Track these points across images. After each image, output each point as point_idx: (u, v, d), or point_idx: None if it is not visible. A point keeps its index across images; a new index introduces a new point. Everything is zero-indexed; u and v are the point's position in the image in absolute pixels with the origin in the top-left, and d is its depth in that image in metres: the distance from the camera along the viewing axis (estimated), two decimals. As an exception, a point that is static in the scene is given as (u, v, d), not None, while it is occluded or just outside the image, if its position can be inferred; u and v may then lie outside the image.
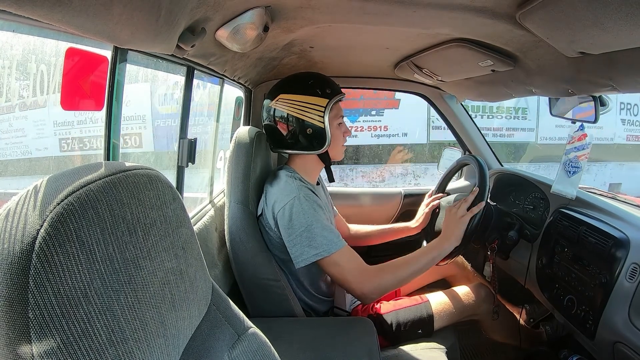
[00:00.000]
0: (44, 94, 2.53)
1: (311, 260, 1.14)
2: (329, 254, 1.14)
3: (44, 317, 0.36)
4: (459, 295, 1.43)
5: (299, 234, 1.14)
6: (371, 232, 1.67)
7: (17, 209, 0.38)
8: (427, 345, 1.29)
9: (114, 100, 0.81)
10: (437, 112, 1.94)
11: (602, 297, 1.01)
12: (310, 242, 1.14)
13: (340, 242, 1.16)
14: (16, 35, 0.66)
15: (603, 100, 1.18)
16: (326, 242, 1.14)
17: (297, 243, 1.15)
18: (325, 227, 1.16)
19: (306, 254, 1.14)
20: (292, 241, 1.15)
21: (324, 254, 1.13)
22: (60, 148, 3.41)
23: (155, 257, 0.47)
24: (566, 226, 1.20)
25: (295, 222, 1.15)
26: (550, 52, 0.93)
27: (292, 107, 1.23)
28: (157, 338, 0.45)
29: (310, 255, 1.14)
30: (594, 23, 0.68)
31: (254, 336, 0.66)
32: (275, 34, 1.10)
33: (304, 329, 1.17)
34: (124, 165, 0.48)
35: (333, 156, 1.31)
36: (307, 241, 1.14)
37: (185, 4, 0.69)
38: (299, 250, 1.15)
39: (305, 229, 1.14)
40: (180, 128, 1.17)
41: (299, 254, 1.15)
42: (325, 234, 1.15)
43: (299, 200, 1.16)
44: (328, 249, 1.14)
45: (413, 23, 1.00)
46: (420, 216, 1.58)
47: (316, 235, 1.14)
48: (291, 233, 1.15)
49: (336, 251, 1.14)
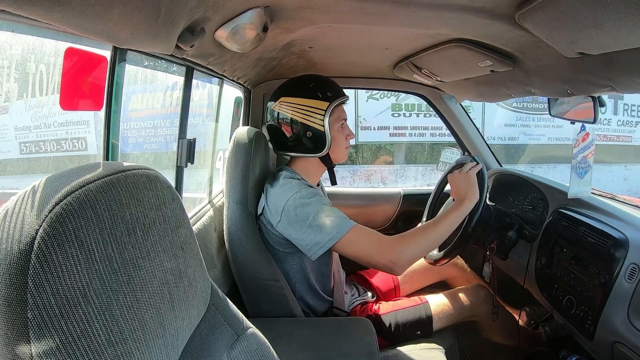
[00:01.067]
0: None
1: (327, 246, 1.11)
2: (343, 235, 1.11)
3: (42, 317, 0.36)
4: (458, 296, 1.43)
5: (308, 225, 1.13)
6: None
7: (16, 209, 0.38)
8: (426, 345, 1.29)
9: (113, 100, 0.81)
10: (436, 112, 1.94)
11: (601, 297, 1.01)
12: (321, 229, 1.12)
13: (350, 221, 1.14)
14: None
15: (602, 100, 1.18)
16: (336, 225, 1.12)
17: (309, 233, 1.13)
18: (331, 212, 1.15)
19: (321, 241, 1.12)
20: (303, 233, 1.13)
21: (338, 236, 1.11)
22: (20, 151, 3.70)
23: (154, 257, 0.47)
24: (565, 226, 1.20)
25: (301, 214, 1.14)
26: (549, 53, 0.93)
27: (293, 110, 1.23)
28: (156, 338, 0.45)
29: (325, 241, 1.11)
30: (593, 24, 0.68)
31: (253, 336, 0.66)
32: (274, 34, 1.09)
33: (303, 329, 1.17)
34: (122, 165, 0.48)
35: (335, 159, 1.31)
36: (318, 229, 1.12)
37: (184, 4, 0.69)
38: (312, 240, 1.12)
39: (312, 218, 1.12)
40: (179, 128, 1.16)
41: (313, 244, 1.12)
42: (333, 218, 1.13)
43: (299, 194, 1.16)
44: (341, 230, 1.11)
45: (412, 23, 1.00)
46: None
47: (324, 222, 1.12)
48: (301, 226, 1.13)
49: (349, 230, 1.12)
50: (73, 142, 3.85)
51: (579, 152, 1.26)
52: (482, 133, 6.13)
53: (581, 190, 1.26)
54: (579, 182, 1.26)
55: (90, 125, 3.80)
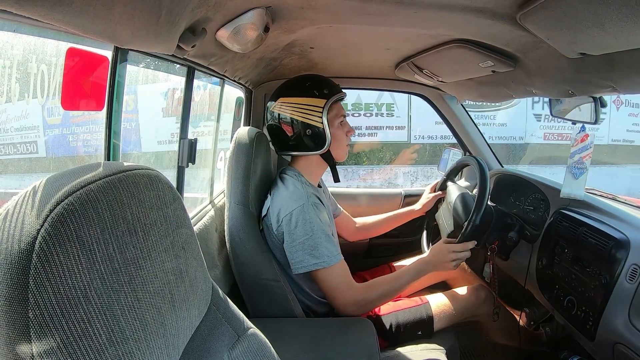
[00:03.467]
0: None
1: (310, 269, 1.16)
2: (328, 266, 1.16)
3: (44, 316, 0.36)
4: (459, 297, 1.43)
5: (302, 242, 1.16)
6: (377, 222, 1.71)
7: (17, 209, 0.38)
8: (426, 346, 1.28)
9: (115, 100, 0.81)
10: (437, 112, 1.94)
11: (602, 298, 1.00)
12: (312, 251, 1.15)
13: (339, 255, 1.20)
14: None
15: (603, 101, 1.18)
16: (327, 254, 1.16)
17: (299, 250, 1.16)
18: (329, 238, 1.18)
19: (306, 262, 1.16)
20: (294, 247, 1.17)
21: (323, 265, 1.16)
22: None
23: (156, 257, 0.47)
24: (566, 227, 1.19)
25: (301, 229, 1.16)
26: (550, 53, 0.93)
27: (292, 109, 1.24)
28: (157, 338, 0.45)
29: (310, 264, 1.16)
30: (595, 24, 0.68)
31: (253, 336, 0.66)
32: (275, 35, 1.10)
33: (304, 329, 1.16)
34: (123, 165, 0.48)
35: (336, 156, 1.32)
36: (310, 250, 1.16)
37: (186, 4, 0.69)
38: (299, 257, 1.17)
39: (309, 237, 1.16)
40: (180, 128, 1.17)
41: (298, 261, 1.17)
42: (328, 246, 1.17)
43: (306, 208, 1.17)
44: (328, 261, 1.16)
45: (413, 24, 1.00)
46: (424, 200, 1.64)
47: (319, 245, 1.16)
48: (295, 239, 1.16)
49: (334, 264, 1.17)
50: (26, 146, 4.32)
51: (576, 152, 1.26)
52: (409, 132, 5.64)
53: (574, 191, 1.25)
54: (573, 182, 1.26)
55: (40, 130, 4.24)
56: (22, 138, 4.24)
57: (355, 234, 1.69)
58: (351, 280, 1.21)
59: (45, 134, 4.22)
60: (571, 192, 1.26)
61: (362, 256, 1.92)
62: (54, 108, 3.98)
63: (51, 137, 4.22)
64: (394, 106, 6.10)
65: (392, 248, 1.90)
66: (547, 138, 6.40)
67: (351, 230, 1.67)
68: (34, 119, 4.12)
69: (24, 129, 4.18)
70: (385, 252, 1.91)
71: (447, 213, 1.44)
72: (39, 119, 4.14)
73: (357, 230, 1.68)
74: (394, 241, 1.90)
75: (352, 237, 1.68)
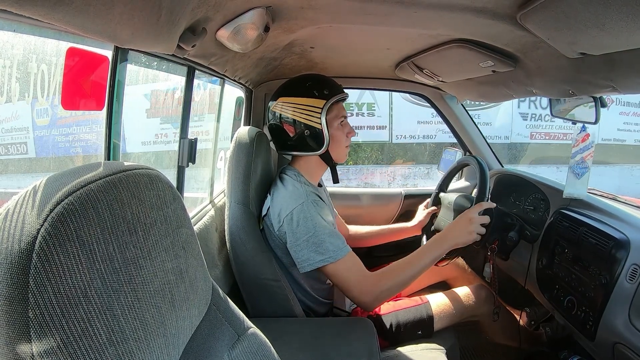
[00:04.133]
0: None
1: (317, 265, 1.14)
2: (335, 260, 1.14)
3: (44, 316, 0.36)
4: (459, 297, 1.43)
5: (306, 240, 1.14)
6: (370, 233, 1.68)
7: (17, 209, 0.38)
8: (426, 346, 1.29)
9: (115, 100, 0.81)
10: (437, 112, 1.94)
11: (603, 298, 1.00)
12: (317, 248, 1.14)
13: (346, 247, 1.17)
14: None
15: (603, 101, 1.18)
16: (333, 249, 1.14)
17: (304, 248, 1.15)
18: (332, 233, 1.17)
19: (312, 259, 1.14)
20: (299, 246, 1.15)
21: (330, 260, 1.13)
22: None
23: (156, 257, 0.47)
24: (566, 227, 1.19)
25: (303, 227, 1.15)
26: (550, 53, 0.93)
27: (292, 109, 1.24)
28: (157, 338, 0.45)
29: (317, 260, 1.14)
30: (595, 24, 0.68)
31: (254, 336, 0.66)
32: (276, 34, 1.10)
33: (304, 329, 1.16)
34: (123, 165, 0.48)
35: (335, 158, 1.31)
36: (314, 247, 1.14)
37: (186, 4, 0.69)
38: (305, 255, 1.15)
39: (312, 234, 1.14)
40: (180, 128, 1.17)
41: (304, 259, 1.15)
42: (333, 240, 1.15)
43: (306, 206, 1.16)
44: (335, 255, 1.14)
45: (414, 23, 1.00)
46: (419, 217, 1.59)
47: (323, 241, 1.14)
48: (298, 238, 1.15)
49: (342, 257, 1.14)
50: (16, 147, 4.46)
51: (578, 152, 1.26)
52: (390, 132, 5.50)
53: (577, 190, 1.26)
54: (575, 182, 1.26)
55: (30, 132, 4.35)
56: (12, 139, 4.34)
57: (347, 241, 1.67)
58: (363, 270, 1.16)
59: (35, 135, 4.34)
60: (574, 192, 1.26)
61: (362, 256, 1.92)
62: (43, 109, 4.06)
63: (43, 138, 4.34)
64: (374, 106, 6.00)
65: (392, 248, 1.90)
66: (534, 137, 6.30)
67: (344, 236, 1.65)
68: (24, 120, 4.23)
69: (14, 130, 4.24)
70: (385, 252, 1.90)
71: (448, 213, 1.44)
72: (28, 120, 4.25)
73: (349, 237, 1.65)
74: (394, 241, 1.89)
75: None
